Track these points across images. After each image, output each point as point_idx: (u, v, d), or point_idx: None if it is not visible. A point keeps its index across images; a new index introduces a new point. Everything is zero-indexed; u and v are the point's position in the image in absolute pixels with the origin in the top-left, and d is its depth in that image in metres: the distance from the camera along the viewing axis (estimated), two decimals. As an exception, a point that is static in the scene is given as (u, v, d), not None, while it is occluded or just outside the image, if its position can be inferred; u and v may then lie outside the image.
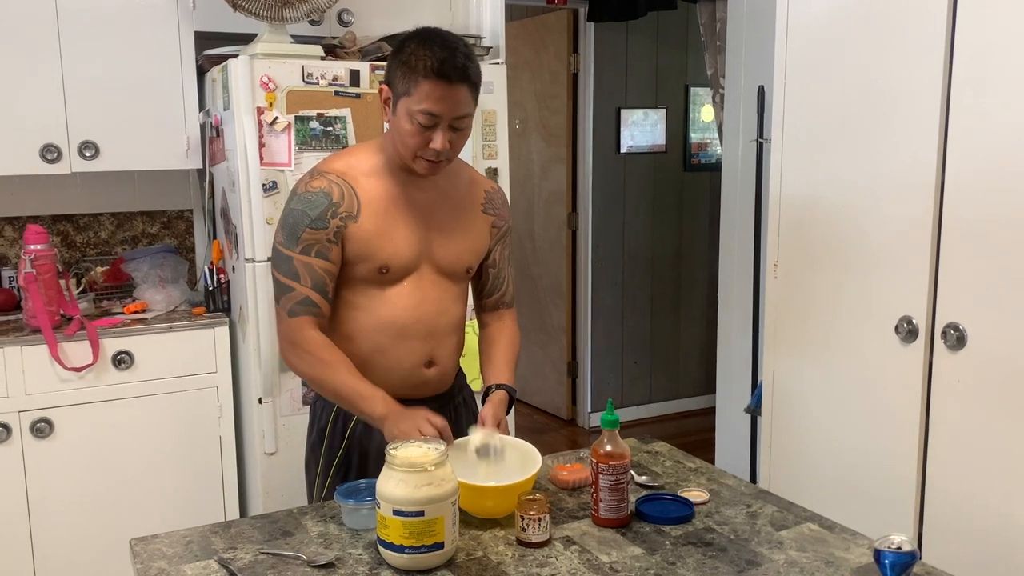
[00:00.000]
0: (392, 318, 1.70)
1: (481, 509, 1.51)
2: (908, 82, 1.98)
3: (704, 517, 1.54)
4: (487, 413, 1.66)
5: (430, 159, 1.62)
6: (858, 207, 2.13)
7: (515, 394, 1.77)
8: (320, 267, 1.64)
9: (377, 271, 1.68)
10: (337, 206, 1.64)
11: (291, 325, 1.65)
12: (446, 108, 1.57)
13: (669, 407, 4.98)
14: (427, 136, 1.59)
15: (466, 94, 1.59)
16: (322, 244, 1.64)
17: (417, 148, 1.61)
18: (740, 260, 3.52)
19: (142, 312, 2.77)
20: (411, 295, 1.71)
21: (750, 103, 3.34)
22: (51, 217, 3.00)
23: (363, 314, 1.70)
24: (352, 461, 1.76)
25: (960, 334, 1.90)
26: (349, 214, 1.65)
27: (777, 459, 2.43)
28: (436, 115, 1.57)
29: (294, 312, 1.64)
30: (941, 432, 1.97)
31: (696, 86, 4.76)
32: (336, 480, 1.75)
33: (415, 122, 1.58)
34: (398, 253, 1.68)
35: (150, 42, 2.77)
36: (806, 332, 2.30)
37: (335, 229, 1.64)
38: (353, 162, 1.70)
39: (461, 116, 1.60)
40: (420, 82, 1.56)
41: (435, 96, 1.56)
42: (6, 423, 2.49)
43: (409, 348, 1.71)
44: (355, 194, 1.66)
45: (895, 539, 1.24)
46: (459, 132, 1.63)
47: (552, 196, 4.79)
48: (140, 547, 1.46)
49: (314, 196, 1.65)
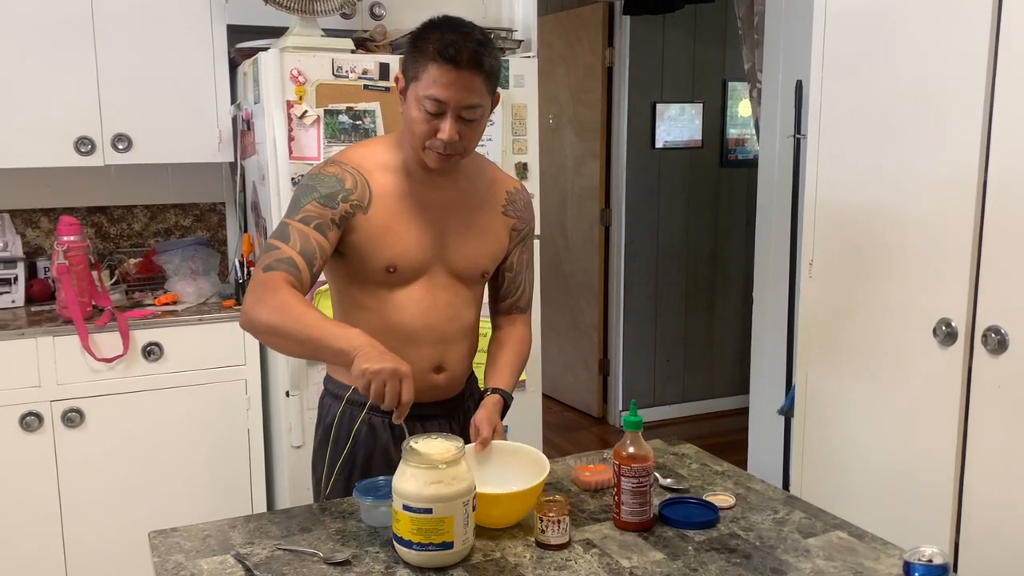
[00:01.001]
0: (401, 322, 1.64)
1: (487, 517, 1.44)
2: (950, 78, 1.91)
3: (729, 522, 1.50)
4: (480, 419, 1.60)
5: (438, 151, 1.55)
6: (896, 205, 2.06)
7: (510, 399, 1.70)
8: (315, 238, 1.54)
9: (384, 270, 1.61)
10: (349, 192, 1.58)
11: (262, 277, 1.51)
12: (453, 95, 1.50)
13: (702, 407, 4.92)
14: (434, 124, 1.53)
15: (478, 82, 1.51)
16: (324, 220, 1.56)
17: (424, 137, 1.54)
18: (776, 258, 3.45)
19: (173, 304, 2.79)
20: (421, 299, 1.65)
21: (787, 98, 3.27)
22: (86, 209, 3.04)
23: (372, 316, 1.64)
24: (356, 462, 1.71)
25: (1002, 337, 1.84)
26: (360, 204, 1.59)
27: (809, 463, 2.37)
28: (442, 101, 1.50)
29: (271, 267, 1.52)
30: (980, 439, 1.91)
31: (734, 80, 4.68)
32: (340, 480, 1.71)
33: (422, 109, 1.52)
34: (407, 252, 1.61)
35: (183, 36, 2.79)
36: (841, 333, 2.24)
37: (343, 213, 1.58)
38: (369, 154, 1.65)
39: (470, 106, 1.52)
40: (428, 66, 1.50)
41: (442, 81, 1.49)
42: (38, 412, 2.52)
43: (418, 354, 1.64)
44: (368, 186, 1.60)
45: (927, 551, 1.19)
46: (470, 124, 1.55)
47: (585, 192, 4.75)
48: (158, 540, 1.46)
49: (327, 178, 1.59)
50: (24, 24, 2.62)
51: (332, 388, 1.76)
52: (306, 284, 1.54)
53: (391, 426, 1.70)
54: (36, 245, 2.99)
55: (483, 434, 1.57)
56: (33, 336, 2.51)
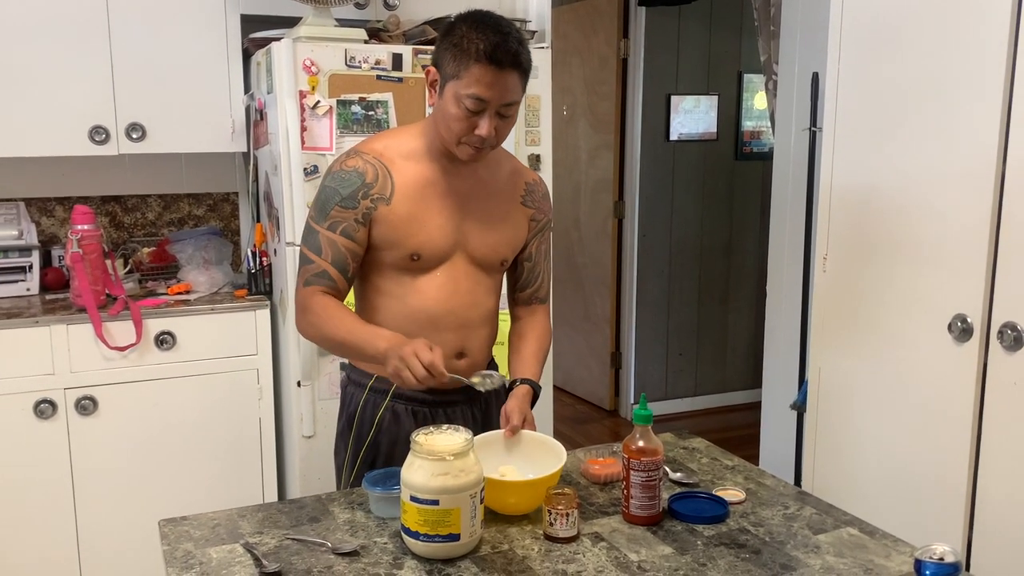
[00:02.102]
0: (423, 308, 1.68)
1: (503, 505, 1.47)
2: (968, 72, 1.89)
3: (739, 517, 1.49)
4: (512, 407, 1.63)
5: (475, 145, 1.60)
6: (912, 200, 2.04)
7: (539, 390, 1.73)
8: (343, 245, 1.64)
9: (408, 258, 1.65)
10: (370, 187, 1.63)
11: (303, 293, 1.66)
12: (495, 94, 1.55)
13: (715, 400, 4.90)
14: (473, 122, 1.57)
15: (516, 81, 1.57)
16: (349, 223, 1.63)
17: (462, 133, 1.59)
18: (790, 252, 3.43)
19: (186, 293, 2.80)
20: (444, 285, 1.69)
21: (803, 91, 3.24)
22: (100, 198, 3.05)
23: (394, 302, 1.68)
24: (380, 448, 1.74)
25: (1018, 334, 1.81)
26: (381, 196, 1.63)
27: (821, 458, 2.36)
28: (485, 100, 1.55)
29: (309, 282, 1.66)
30: (995, 436, 1.89)
31: (749, 72, 4.64)
32: (364, 467, 1.74)
33: (462, 106, 1.56)
34: (431, 240, 1.66)
35: (197, 25, 2.79)
36: (855, 328, 2.22)
37: (364, 210, 1.63)
38: (392, 144, 1.68)
39: (509, 103, 1.58)
40: (471, 65, 1.53)
41: (485, 81, 1.54)
42: (52, 400, 2.54)
43: (440, 339, 1.67)
44: (390, 176, 1.64)
45: (938, 549, 1.18)
46: (505, 119, 1.61)
47: (599, 184, 4.73)
48: (168, 528, 1.46)
49: (347, 175, 1.64)
50: (39, 14, 2.63)
51: (355, 376, 1.79)
52: (343, 290, 1.68)
53: (415, 413, 1.73)
54: (51, 234, 3.01)
55: (513, 422, 1.60)
56: (47, 324, 2.52)
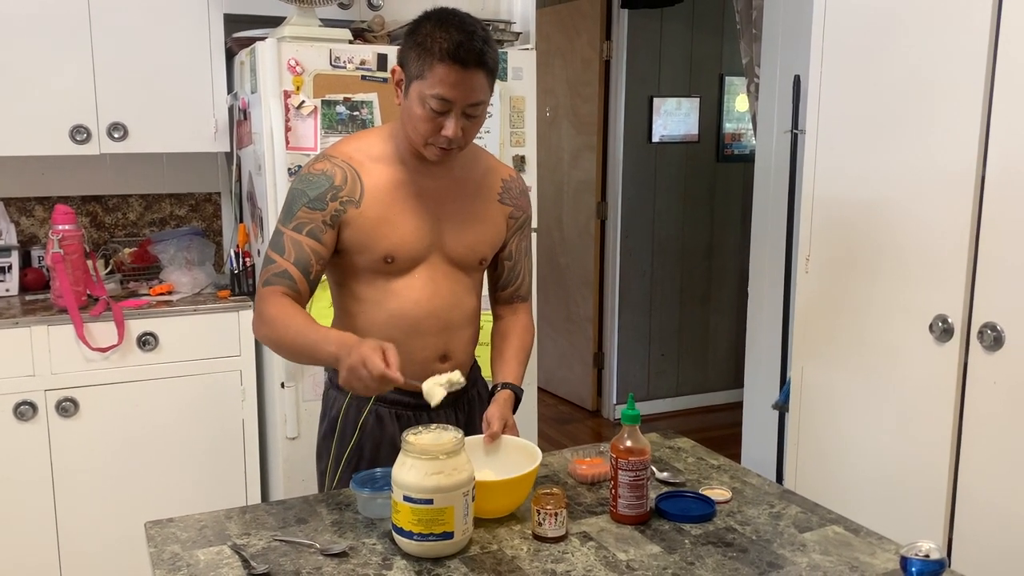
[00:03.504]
0: (403, 312, 1.65)
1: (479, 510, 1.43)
2: (950, 75, 1.91)
3: (726, 516, 1.50)
4: (492, 413, 1.61)
5: (441, 146, 1.57)
6: (894, 201, 2.06)
7: (521, 394, 1.71)
8: (308, 246, 1.59)
9: (382, 260, 1.62)
10: (339, 189, 1.60)
11: (261, 293, 1.60)
12: (460, 94, 1.51)
13: (696, 401, 4.93)
14: (439, 122, 1.54)
15: (482, 80, 1.53)
16: (316, 224, 1.59)
17: (428, 134, 1.56)
18: (772, 253, 3.45)
19: (168, 294, 2.78)
20: (423, 287, 1.65)
21: (785, 93, 3.27)
22: (81, 198, 3.02)
23: (373, 308, 1.65)
24: (364, 453, 1.72)
25: (998, 334, 1.84)
26: (350, 199, 1.60)
27: (804, 458, 2.38)
28: (450, 100, 1.52)
29: (268, 282, 1.59)
30: (975, 435, 1.91)
31: (731, 75, 4.68)
32: (347, 470, 1.71)
33: (427, 107, 1.53)
34: (404, 242, 1.62)
35: (180, 24, 2.77)
36: (837, 328, 2.24)
37: (332, 212, 1.59)
38: (361, 146, 1.65)
39: (475, 103, 1.54)
40: (434, 65, 1.50)
41: (449, 81, 1.50)
42: (32, 401, 2.51)
43: (422, 343, 1.65)
44: (359, 179, 1.61)
45: (923, 546, 1.19)
46: (472, 119, 1.57)
47: (581, 185, 4.74)
48: (155, 531, 1.45)
49: (316, 177, 1.60)
50: (21, 12, 2.60)
51: (336, 380, 1.76)
52: (304, 293, 1.61)
53: (398, 416, 1.71)
54: (31, 234, 2.97)
55: (494, 428, 1.59)
56: (28, 325, 2.50)
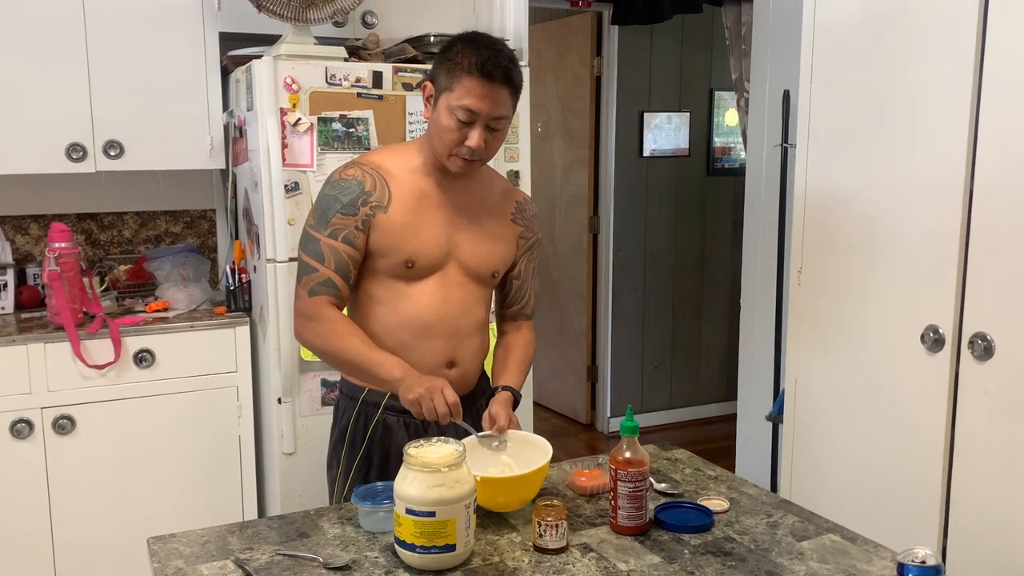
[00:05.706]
0: (415, 315, 1.72)
1: (493, 503, 1.51)
2: (937, 86, 1.95)
3: (724, 526, 1.52)
4: (497, 410, 1.67)
5: (464, 157, 1.67)
6: (884, 213, 2.09)
7: (519, 397, 1.78)
8: (345, 252, 1.69)
9: (403, 265, 1.71)
10: (368, 195, 1.69)
11: (309, 303, 1.70)
12: (486, 106, 1.62)
13: (690, 413, 4.95)
14: (464, 133, 1.64)
15: (506, 96, 1.64)
16: (350, 230, 1.69)
17: (453, 145, 1.65)
18: (763, 266, 3.48)
19: (164, 311, 2.78)
20: (436, 293, 1.74)
21: (775, 107, 3.31)
22: (76, 215, 3.03)
23: (387, 310, 1.73)
24: (373, 461, 1.77)
25: (988, 344, 1.87)
26: (379, 204, 1.69)
27: (799, 468, 2.39)
28: (475, 112, 1.62)
29: (315, 292, 1.70)
30: (967, 444, 1.94)
31: (721, 90, 4.73)
32: (357, 480, 1.76)
33: (454, 117, 1.63)
34: (425, 248, 1.71)
35: (175, 43, 2.79)
36: (829, 340, 2.27)
37: (364, 217, 1.69)
38: (390, 157, 1.76)
39: (499, 117, 1.65)
40: (463, 78, 1.61)
41: (476, 93, 1.61)
42: (29, 419, 2.51)
43: (431, 347, 1.73)
44: (387, 186, 1.71)
45: (919, 553, 1.21)
46: (495, 133, 1.68)
47: (573, 199, 4.77)
48: (157, 546, 1.46)
49: (347, 183, 1.70)
50: (16, 30, 2.62)
51: (347, 391, 1.82)
52: (346, 298, 1.74)
53: (406, 424, 1.76)
54: (26, 252, 2.98)
55: (500, 422, 1.64)
56: (24, 343, 2.50)
